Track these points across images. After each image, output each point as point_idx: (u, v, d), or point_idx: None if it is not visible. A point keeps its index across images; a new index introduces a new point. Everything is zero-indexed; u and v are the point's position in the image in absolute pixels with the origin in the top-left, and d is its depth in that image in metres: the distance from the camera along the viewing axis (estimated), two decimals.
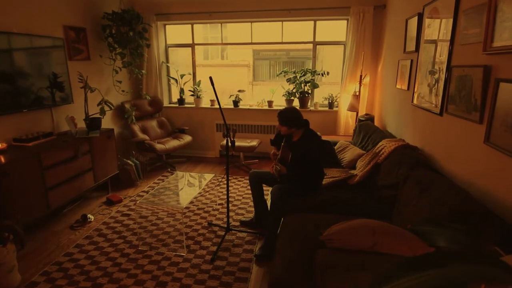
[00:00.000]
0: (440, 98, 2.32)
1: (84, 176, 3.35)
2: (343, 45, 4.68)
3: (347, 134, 4.60)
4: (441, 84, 2.31)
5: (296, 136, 2.68)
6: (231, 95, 5.03)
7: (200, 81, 5.05)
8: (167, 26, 5.08)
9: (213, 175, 3.40)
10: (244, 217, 3.20)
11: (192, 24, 4.98)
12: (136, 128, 4.51)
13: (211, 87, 2.54)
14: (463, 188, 1.76)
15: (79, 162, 3.27)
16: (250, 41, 4.94)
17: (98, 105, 3.61)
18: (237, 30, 5.05)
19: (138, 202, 2.72)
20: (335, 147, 3.64)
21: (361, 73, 4.32)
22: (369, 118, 4.05)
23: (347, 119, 4.62)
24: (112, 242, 2.77)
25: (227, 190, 2.77)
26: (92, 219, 3.16)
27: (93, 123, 3.57)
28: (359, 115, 4.37)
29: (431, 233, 0.95)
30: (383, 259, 1.50)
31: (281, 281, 1.64)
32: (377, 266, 1.48)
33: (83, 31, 3.82)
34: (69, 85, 3.58)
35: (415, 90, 2.86)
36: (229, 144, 2.71)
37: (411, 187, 2.04)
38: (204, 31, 5.26)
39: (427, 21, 2.65)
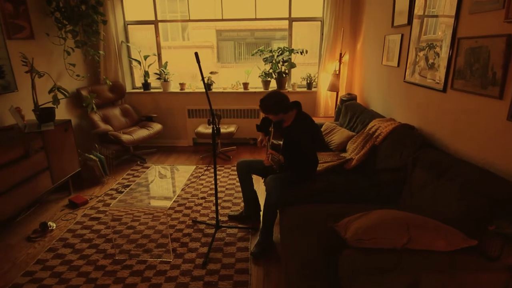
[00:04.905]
0: (443, 73, 2.18)
1: (39, 177, 2.84)
2: (319, 22, 4.44)
3: (327, 115, 4.45)
4: (443, 58, 2.16)
5: (288, 121, 2.42)
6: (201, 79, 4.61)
7: (166, 62, 4.55)
8: (124, 0, 4.46)
9: (195, 166, 3.06)
10: (231, 210, 2.93)
11: None
12: (96, 117, 3.97)
13: (180, 69, 2.17)
14: (492, 171, 1.62)
15: (32, 161, 2.75)
16: (221, 17, 4.52)
17: (49, 92, 3.06)
18: (200, 5, 4.58)
19: (111, 205, 2.33)
20: (321, 129, 3.45)
21: (341, 51, 4.13)
22: (352, 97, 3.91)
23: (326, 100, 4.45)
24: (82, 253, 2.37)
25: (215, 183, 2.47)
26: (54, 227, 2.70)
27: (45, 114, 3.02)
28: (340, 95, 4.21)
29: None
30: (420, 257, 1.32)
31: None
32: (414, 266, 1.30)
33: (23, 4, 3.16)
34: (10, 70, 2.98)
35: (408, 66, 2.72)
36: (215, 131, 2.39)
37: (423, 170, 1.89)
38: (161, 7, 4.70)
39: None
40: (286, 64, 4.39)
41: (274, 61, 4.37)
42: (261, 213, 2.68)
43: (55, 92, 3.07)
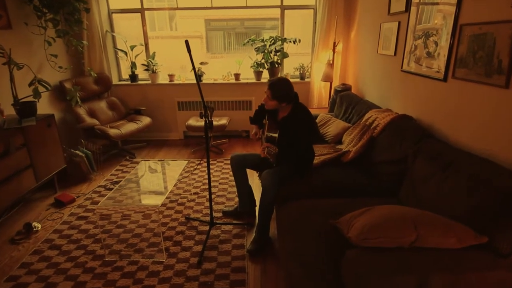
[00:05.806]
0: (443, 62, 2.10)
1: (22, 176, 2.69)
2: (312, 10, 4.32)
3: (321, 106, 4.37)
4: (444, 45, 2.09)
5: (284, 112, 2.32)
6: (191, 70, 4.45)
7: (154, 53, 4.38)
8: None
9: (187, 161, 2.95)
10: (225, 206, 2.84)
11: None
12: (81, 111, 3.80)
13: (168, 60, 2.04)
14: (497, 164, 1.56)
15: (13, 158, 2.59)
16: (210, 5, 4.35)
17: (30, 85, 2.88)
18: None
19: (99, 204, 2.21)
20: (316, 121, 3.37)
21: (335, 39, 4.03)
22: (346, 88, 3.82)
23: (320, 90, 4.36)
24: (69, 255, 2.25)
25: (209, 178, 2.36)
26: (39, 228, 2.56)
27: (25, 108, 2.85)
28: (333, 85, 4.13)
29: None
30: (428, 256, 1.26)
31: None
32: (422, 266, 1.24)
33: None
34: None
35: (405, 55, 2.64)
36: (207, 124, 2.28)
37: (425, 162, 1.83)
38: None
39: None
40: (278, 54, 4.27)
41: (266, 51, 4.24)
42: (257, 208, 2.61)
43: (36, 85, 2.90)
